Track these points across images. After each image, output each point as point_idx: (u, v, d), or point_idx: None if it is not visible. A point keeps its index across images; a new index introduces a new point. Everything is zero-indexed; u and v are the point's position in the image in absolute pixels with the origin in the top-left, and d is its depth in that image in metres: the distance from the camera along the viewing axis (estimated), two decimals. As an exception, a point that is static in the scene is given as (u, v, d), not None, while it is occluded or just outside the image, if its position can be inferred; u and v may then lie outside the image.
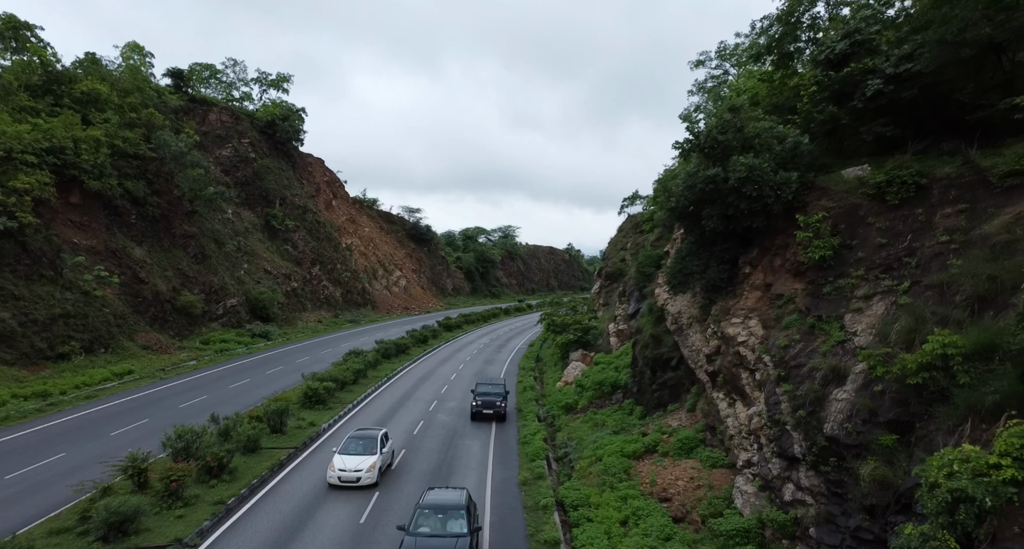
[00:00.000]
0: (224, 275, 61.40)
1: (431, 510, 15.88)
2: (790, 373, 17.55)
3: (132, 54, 70.21)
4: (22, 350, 35.98)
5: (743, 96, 25.05)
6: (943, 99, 18.12)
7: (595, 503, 18.90)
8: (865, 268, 17.56)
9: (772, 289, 20.40)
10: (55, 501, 17.70)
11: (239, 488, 19.42)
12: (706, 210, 21.04)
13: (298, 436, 25.78)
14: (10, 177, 39.87)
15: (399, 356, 50.60)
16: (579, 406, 32.34)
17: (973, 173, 16.62)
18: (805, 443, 16.08)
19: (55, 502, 17.62)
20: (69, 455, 22.47)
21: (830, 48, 19.95)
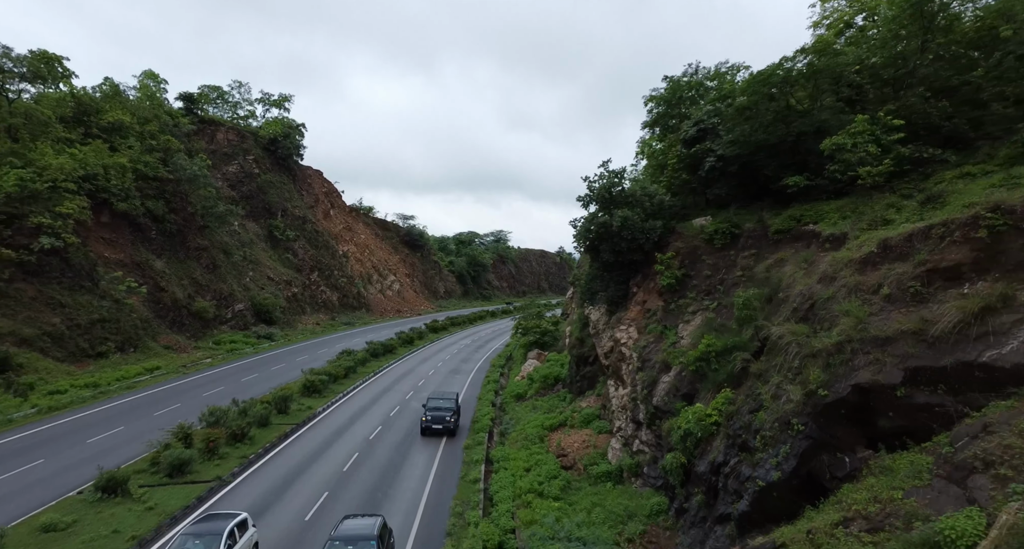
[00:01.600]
0: (232, 283, 68.88)
1: (342, 541, 16.20)
2: (644, 364, 25.14)
3: (148, 81, 77.77)
4: (70, 349, 43.40)
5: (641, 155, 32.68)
6: (755, 173, 25.65)
7: (512, 458, 26.44)
8: (696, 292, 25.14)
9: (646, 305, 27.98)
10: (130, 455, 25.13)
11: (256, 449, 26.98)
12: (602, 246, 28.61)
13: (299, 416, 33.34)
14: (56, 203, 47.27)
15: (386, 355, 58.09)
16: (527, 395, 39.87)
17: (762, 228, 24.17)
18: (644, 411, 23.65)
19: (130, 455, 25.05)
20: (126, 428, 29.92)
21: (686, 132, 27.53)
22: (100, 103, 63.15)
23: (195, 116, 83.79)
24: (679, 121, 30.42)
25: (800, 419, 13.29)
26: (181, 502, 20.66)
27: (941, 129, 23.31)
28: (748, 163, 25.67)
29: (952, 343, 11.73)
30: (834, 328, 13.69)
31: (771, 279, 21.47)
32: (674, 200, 27.94)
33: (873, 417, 12.50)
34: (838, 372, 12.99)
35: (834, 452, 12.74)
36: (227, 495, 21.98)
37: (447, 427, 30.89)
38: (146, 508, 19.86)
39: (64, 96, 61.38)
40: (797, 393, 13.58)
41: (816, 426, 12.99)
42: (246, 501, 21.37)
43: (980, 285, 12.09)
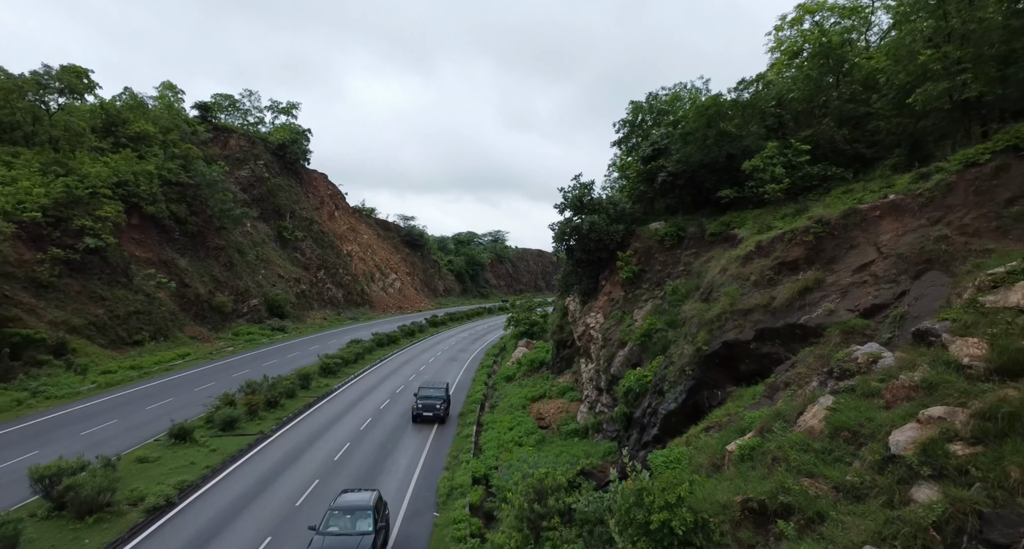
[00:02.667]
0: (247, 280, 74.53)
1: (340, 511, 17.19)
2: (606, 343, 30.78)
3: (167, 92, 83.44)
4: (111, 338, 48.98)
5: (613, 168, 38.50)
6: (698, 186, 31.27)
7: (499, 422, 32.09)
8: (649, 284, 30.78)
9: (611, 295, 33.62)
10: (186, 416, 30.69)
11: (287, 413, 32.65)
12: (575, 246, 34.24)
13: (319, 391, 39.01)
14: (95, 207, 52.84)
15: (391, 345, 63.74)
16: (516, 376, 45.51)
17: (701, 231, 29.78)
18: (605, 379, 29.29)
19: (187, 416, 30.62)
20: (175, 400, 35.52)
21: (644, 150, 33.18)
22: (125, 114, 68.71)
23: (210, 124, 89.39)
24: (640, 140, 36.04)
25: (690, 367, 18.95)
26: (236, 447, 26.31)
27: (845, 152, 28.90)
28: (692, 178, 31.29)
29: (784, 311, 17.39)
30: (717, 304, 19.35)
31: (702, 272, 27.10)
32: (634, 207, 33.61)
33: (736, 363, 18.17)
34: (715, 334, 18.65)
35: (712, 388, 18.41)
36: (269, 445, 27.62)
37: (437, 415, 32.83)
38: (210, 450, 25.51)
39: (95, 108, 67.08)
40: (690, 349, 19.24)
41: (700, 371, 18.65)
42: (285, 448, 27.01)
43: (807, 273, 17.76)
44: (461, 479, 22.67)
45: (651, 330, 25.90)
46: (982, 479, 8.52)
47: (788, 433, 12.74)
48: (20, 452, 24.51)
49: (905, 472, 9.81)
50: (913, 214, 16.70)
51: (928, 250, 15.60)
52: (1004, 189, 15.27)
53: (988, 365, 10.47)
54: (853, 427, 11.53)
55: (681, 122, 32.80)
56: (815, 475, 11.25)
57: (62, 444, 25.53)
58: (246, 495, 21.31)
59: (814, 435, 12.21)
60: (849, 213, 18.09)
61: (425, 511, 20.68)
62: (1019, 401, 9.13)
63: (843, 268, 17.27)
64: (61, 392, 34.90)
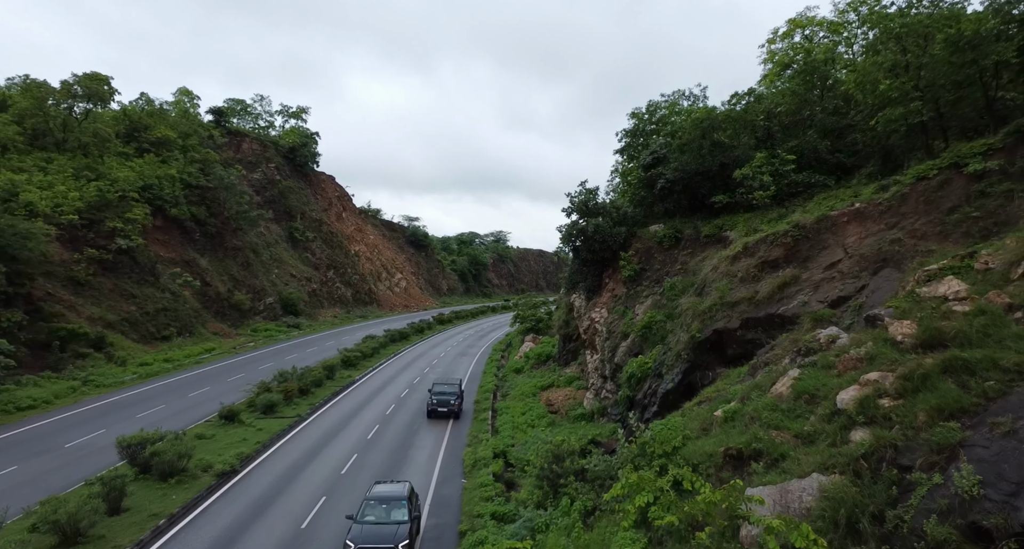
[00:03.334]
0: (263, 279, 77.50)
1: (376, 501, 17.74)
2: (610, 335, 33.75)
3: (184, 98, 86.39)
4: (142, 333, 51.93)
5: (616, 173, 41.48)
6: (694, 192, 34.21)
7: (512, 408, 35.04)
8: (649, 281, 33.74)
9: (614, 292, 36.59)
10: (227, 401, 33.58)
11: (318, 400, 35.62)
12: (581, 246, 37.19)
13: (343, 381, 42.00)
14: (125, 210, 55.76)
15: (402, 341, 66.71)
16: (524, 369, 48.45)
17: (696, 233, 32.75)
18: (609, 368, 32.26)
19: (228, 401, 33.52)
20: (211, 389, 38.45)
21: (644, 158, 36.14)
22: (146, 119, 71.64)
23: (224, 128, 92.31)
24: (641, 149, 38.99)
25: (685, 352, 21.92)
26: (279, 427, 29.27)
27: (828, 161, 31.83)
28: (688, 184, 34.25)
29: (766, 303, 20.36)
30: (708, 298, 22.32)
31: (696, 270, 30.08)
32: (635, 211, 36.56)
33: (725, 348, 21.13)
34: (707, 323, 21.62)
35: (704, 370, 21.37)
36: (307, 426, 30.59)
37: (451, 410, 33.12)
38: (257, 429, 28.47)
39: (118, 114, 70.03)
40: (685, 337, 22.22)
41: (694, 355, 21.62)
42: (322, 428, 29.99)
43: (786, 270, 20.73)
44: (483, 453, 25.61)
45: (651, 323, 28.86)
46: (899, 423, 11.60)
47: (762, 399, 15.82)
48: (89, 431, 27.50)
49: (846, 421, 12.92)
50: (874, 220, 19.68)
51: (884, 251, 18.58)
52: (947, 199, 18.25)
53: (914, 340, 13.54)
54: (811, 391, 14.62)
55: (678, 133, 35.76)
56: (781, 428, 14.33)
57: (122, 424, 28.49)
58: (296, 465, 24.28)
59: (782, 399, 15.28)
60: (822, 219, 21.07)
61: (453, 478, 23.63)
62: (931, 366, 12.20)
63: (815, 266, 20.25)
64: (108, 381, 37.85)
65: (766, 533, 7.36)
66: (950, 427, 10.70)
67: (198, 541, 17.36)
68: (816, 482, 11.82)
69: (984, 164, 17.63)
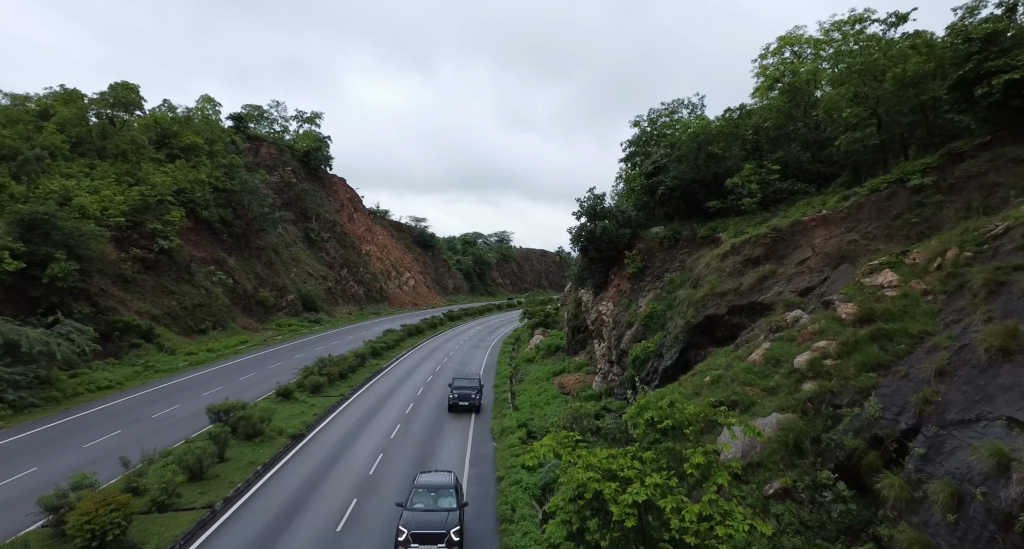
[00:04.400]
0: (284, 277, 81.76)
1: (424, 489, 18.07)
2: (616, 325, 37.98)
3: (206, 105, 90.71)
4: (182, 326, 56.17)
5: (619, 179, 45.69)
6: (691, 198, 38.43)
7: (527, 390, 39.28)
8: (650, 277, 37.95)
9: (619, 287, 40.81)
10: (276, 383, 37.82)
11: (355, 383, 39.89)
12: (589, 246, 41.40)
13: (373, 368, 46.29)
14: (164, 213, 60.00)
15: (418, 335, 70.96)
16: (535, 359, 52.71)
17: (693, 235, 36.96)
18: (615, 354, 36.49)
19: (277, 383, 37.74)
20: (256, 374, 42.69)
21: (646, 167, 40.38)
22: (174, 126, 75.88)
23: (243, 134, 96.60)
24: (644, 158, 43.21)
25: (682, 335, 26.16)
26: (328, 403, 33.53)
27: (809, 171, 36.01)
28: (686, 191, 38.49)
29: (748, 293, 24.59)
30: (701, 290, 26.56)
31: (692, 267, 34.30)
32: (638, 214, 40.77)
33: (715, 331, 25.37)
34: (700, 311, 25.85)
35: (697, 349, 25.61)
36: (351, 404, 34.84)
37: (472, 404, 33.99)
38: (310, 405, 32.74)
39: (149, 122, 74.31)
40: (682, 322, 26.47)
41: (689, 337, 25.86)
42: (365, 405, 34.23)
43: (765, 266, 24.96)
44: (508, 423, 29.86)
45: (653, 312, 33.09)
46: (836, 375, 15.92)
47: (740, 365, 20.15)
48: (166, 405, 31.80)
49: (799, 376, 17.25)
50: (836, 224, 23.92)
51: (843, 250, 22.83)
52: (893, 208, 22.48)
53: (854, 318, 17.85)
54: (777, 357, 18.95)
55: (677, 144, 40.00)
56: (752, 385, 18.67)
57: (191, 402, 32.78)
58: (351, 432, 28.55)
59: (755, 364, 19.61)
60: (795, 223, 25.32)
61: (485, 442, 27.85)
62: (862, 335, 16.51)
63: (789, 262, 24.49)
64: (164, 367, 42.14)
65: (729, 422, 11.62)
66: (869, 376, 15.06)
67: (291, 479, 21.67)
68: (775, 419, 16.19)
69: (922, 179, 21.86)
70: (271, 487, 21.08)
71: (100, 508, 14.94)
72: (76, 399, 32.58)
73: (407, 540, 16.16)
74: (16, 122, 61.47)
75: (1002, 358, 11.95)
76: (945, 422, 11.85)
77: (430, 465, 23.75)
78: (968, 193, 20.27)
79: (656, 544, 10.73)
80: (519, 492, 20.35)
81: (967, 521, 10.11)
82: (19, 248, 37.97)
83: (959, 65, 21.15)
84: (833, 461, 14.06)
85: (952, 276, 16.62)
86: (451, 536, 16.39)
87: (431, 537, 16.21)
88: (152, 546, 15.67)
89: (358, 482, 21.88)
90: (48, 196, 49.36)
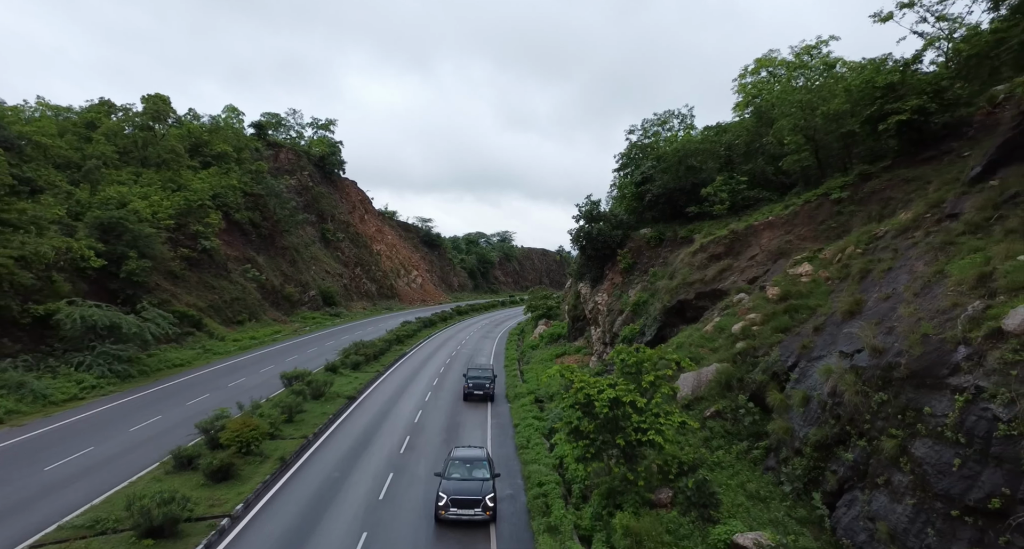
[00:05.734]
0: (306, 274, 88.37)
1: (460, 461, 19.76)
2: (609, 312, 44.59)
3: (231, 114, 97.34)
4: (223, 317, 62.73)
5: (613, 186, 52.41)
6: (674, 203, 45.00)
7: (533, 369, 45.88)
8: (639, 272, 44.53)
9: (613, 280, 47.40)
10: (319, 363, 44.37)
11: (387, 363, 46.52)
12: (587, 245, 48.00)
13: (397, 353, 52.92)
14: (204, 216, 66.54)
15: (431, 327, 77.57)
16: (539, 346, 59.31)
17: (675, 235, 43.51)
18: (609, 337, 43.07)
19: (316, 365, 44.28)
20: (299, 357, 49.25)
21: (636, 177, 46.97)
22: (206, 136, 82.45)
23: (264, 141, 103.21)
24: (634, 168, 49.84)
25: (659, 316, 32.77)
26: (368, 377, 40.13)
27: (772, 181, 42.55)
28: (669, 198, 45.05)
29: (711, 282, 31.17)
30: (676, 280, 33.16)
31: (671, 262, 40.87)
32: (629, 217, 47.36)
33: (685, 312, 31.97)
34: (674, 296, 32.45)
35: (671, 327, 32.22)
36: (387, 377, 41.44)
37: (487, 393, 35.61)
38: (354, 377, 39.34)
39: (183, 132, 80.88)
40: (659, 306, 33.08)
41: (664, 317, 32.46)
42: (400, 378, 40.83)
43: (724, 261, 31.55)
44: (520, 390, 36.47)
45: (639, 301, 39.66)
46: (758, 337, 22.56)
47: (697, 334, 26.76)
48: (234, 379, 38.42)
49: (734, 339, 23.93)
50: (779, 228, 30.49)
51: (782, 248, 29.39)
52: (820, 215, 29.04)
53: (777, 297, 24.47)
54: (723, 327, 25.59)
55: (662, 157, 46.58)
56: (704, 346, 25.37)
57: (253, 376, 39.35)
58: (394, 395, 35.20)
59: (708, 333, 26.28)
60: (748, 227, 31.90)
61: (501, 403, 34.46)
62: (779, 309, 23.20)
63: (743, 258, 31.06)
64: (219, 350, 48.77)
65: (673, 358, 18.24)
66: (778, 336, 21.65)
67: (357, 424, 28.36)
68: (715, 367, 22.84)
69: (841, 193, 28.42)
70: (344, 428, 27.72)
71: (243, 428, 21.54)
72: (159, 373, 39.22)
73: (447, 505, 17.84)
74: (63, 133, 67.99)
75: (849, 318, 18.50)
76: (810, 358, 18.45)
77: (459, 418, 30.34)
78: (871, 205, 26.83)
79: (622, 430, 17.31)
80: (531, 431, 26.99)
81: (809, 411, 16.74)
82: (100, 248, 44.53)
83: (868, 106, 27.69)
84: (749, 391, 20.68)
85: (844, 266, 23.18)
86: (486, 502, 18.06)
87: (468, 502, 17.94)
88: (278, 454, 22.28)
89: (408, 426, 28.51)
90: (108, 201, 55.90)
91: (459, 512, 17.83)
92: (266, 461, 21.88)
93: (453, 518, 17.75)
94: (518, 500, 20.18)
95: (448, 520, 17.80)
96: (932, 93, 26.01)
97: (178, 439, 23.46)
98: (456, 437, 26.97)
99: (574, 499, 19.77)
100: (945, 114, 26.29)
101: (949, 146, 26.08)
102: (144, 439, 24.79)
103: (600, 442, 17.77)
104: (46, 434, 25.22)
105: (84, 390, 32.10)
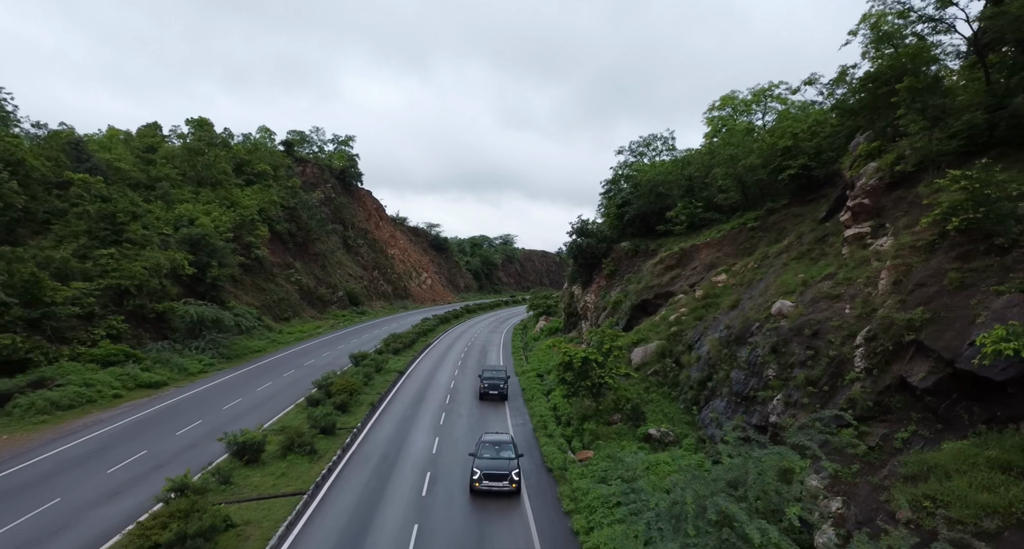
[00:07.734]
0: (334, 277, 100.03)
1: (489, 444, 23.68)
2: (596, 309, 56.20)
3: (264, 134, 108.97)
4: (273, 315, 74.29)
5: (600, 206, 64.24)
6: (647, 222, 56.55)
7: (535, 356, 57.48)
8: (619, 277, 56.10)
9: (599, 284, 59.00)
10: (368, 349, 55.81)
11: (419, 349, 58.19)
12: (579, 255, 59.62)
13: (425, 342, 64.53)
14: (254, 228, 78.07)
15: (446, 323, 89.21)
16: (539, 338, 70.87)
17: (647, 248, 55.02)
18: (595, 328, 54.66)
19: (369, 348, 55.72)
20: (346, 346, 60.79)
21: (617, 200, 58.60)
22: (247, 156, 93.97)
23: (293, 157, 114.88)
24: (617, 192, 61.43)
25: (629, 311, 44.40)
26: (408, 359, 51.73)
27: (723, 206, 53.99)
28: (644, 217, 56.60)
29: (665, 286, 42.79)
30: (642, 284, 44.79)
31: (642, 270, 52.47)
32: (612, 232, 58.95)
33: (648, 308, 43.61)
34: (640, 296, 44.07)
35: (636, 319, 43.85)
36: (421, 360, 53.01)
37: (501, 392, 38.51)
38: (397, 359, 50.91)
39: (228, 153, 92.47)
40: (629, 304, 44.71)
41: (633, 312, 44.11)
42: (432, 360, 52.42)
43: (675, 270, 43.16)
44: (525, 368, 48.09)
45: (618, 300, 51.21)
46: (686, 323, 34.47)
47: (650, 322, 38.55)
48: (305, 361, 50.01)
49: (670, 325, 35.95)
50: (713, 247, 42.05)
51: (713, 262, 40.94)
52: (740, 238, 40.59)
53: (700, 296, 36.31)
54: (665, 317, 37.41)
55: (639, 184, 58.20)
56: (652, 331, 37.29)
57: (318, 359, 50.91)
58: (431, 370, 46.91)
59: (656, 322, 38.09)
60: (693, 246, 43.50)
61: (511, 377, 46.09)
62: (700, 303, 35.17)
63: (688, 269, 42.62)
64: (282, 340, 60.38)
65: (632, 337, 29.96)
66: (696, 323, 33.38)
67: (411, 387, 40.04)
68: (655, 343, 34.58)
69: (754, 223, 39.99)
70: (404, 389, 39.39)
71: (346, 382, 33.19)
72: (246, 357, 50.83)
73: (480, 478, 21.50)
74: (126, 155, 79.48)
75: (730, 310, 30.01)
76: (706, 334, 30.04)
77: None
78: (772, 232, 38.38)
79: (589, 377, 28.87)
80: (534, 390, 38.63)
81: (699, 365, 28.35)
82: (191, 258, 56.11)
83: (772, 161, 39.24)
84: (674, 358, 32.25)
85: (744, 276, 34.70)
86: (512, 476, 21.57)
87: (498, 476, 21.51)
88: (368, 401, 33.93)
89: (446, 388, 40.21)
90: (181, 218, 67.52)
91: (490, 484, 21.45)
92: (361, 405, 33.54)
93: (485, 489, 21.43)
94: (526, 427, 31.79)
95: (480, 491, 21.51)
96: (813, 154, 37.59)
97: (290, 395, 35.10)
98: (480, 401, 38.62)
99: (562, 425, 31.40)
100: (822, 169, 37.85)
101: (826, 191, 37.66)
102: (270, 395, 36.45)
103: (577, 385, 29.41)
104: (204, 392, 36.92)
105: (206, 366, 43.76)
